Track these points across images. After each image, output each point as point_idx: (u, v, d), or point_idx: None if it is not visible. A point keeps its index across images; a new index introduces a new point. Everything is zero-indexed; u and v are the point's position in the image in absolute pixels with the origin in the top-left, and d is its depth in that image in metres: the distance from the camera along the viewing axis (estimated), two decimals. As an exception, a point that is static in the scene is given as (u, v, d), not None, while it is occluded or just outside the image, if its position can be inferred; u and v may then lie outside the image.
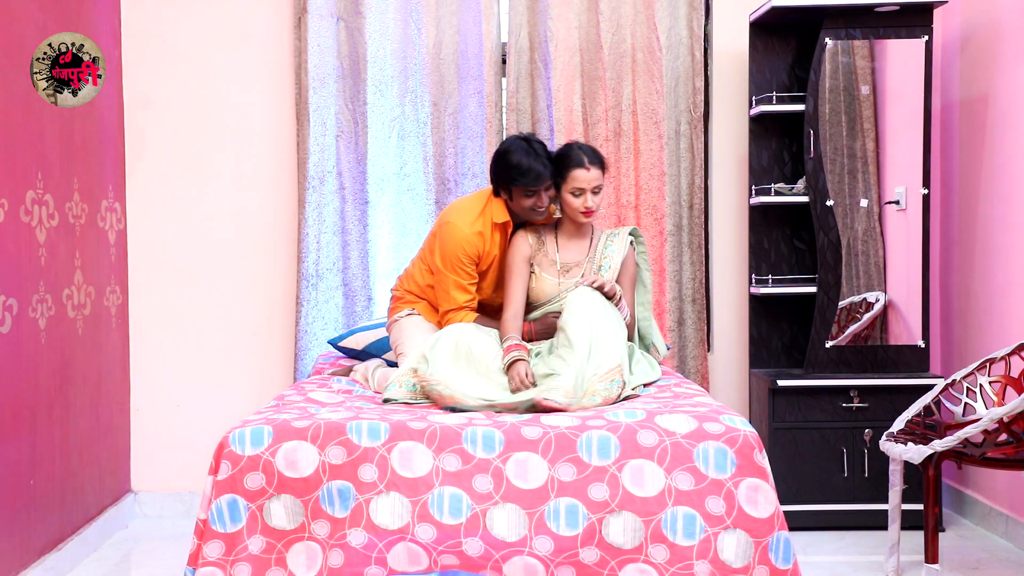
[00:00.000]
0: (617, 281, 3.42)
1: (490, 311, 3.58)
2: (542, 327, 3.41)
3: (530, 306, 3.48)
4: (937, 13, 4.13)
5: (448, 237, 3.42)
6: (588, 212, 3.38)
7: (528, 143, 3.42)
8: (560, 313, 3.26)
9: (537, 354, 3.28)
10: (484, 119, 4.33)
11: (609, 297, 3.27)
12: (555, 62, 4.34)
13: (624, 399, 3.10)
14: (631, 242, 3.49)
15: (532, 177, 3.34)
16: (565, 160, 3.38)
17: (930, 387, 3.89)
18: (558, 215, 3.57)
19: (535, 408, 2.92)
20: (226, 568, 2.64)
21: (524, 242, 3.47)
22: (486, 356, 3.14)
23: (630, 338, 3.44)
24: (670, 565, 2.61)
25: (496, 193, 3.48)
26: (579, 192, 3.36)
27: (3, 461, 3.22)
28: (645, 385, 3.31)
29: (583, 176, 3.34)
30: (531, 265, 3.46)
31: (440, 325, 3.48)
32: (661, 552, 2.62)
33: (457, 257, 3.40)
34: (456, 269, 3.41)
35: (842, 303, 4.08)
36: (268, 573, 2.65)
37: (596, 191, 3.37)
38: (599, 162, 3.38)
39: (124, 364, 4.35)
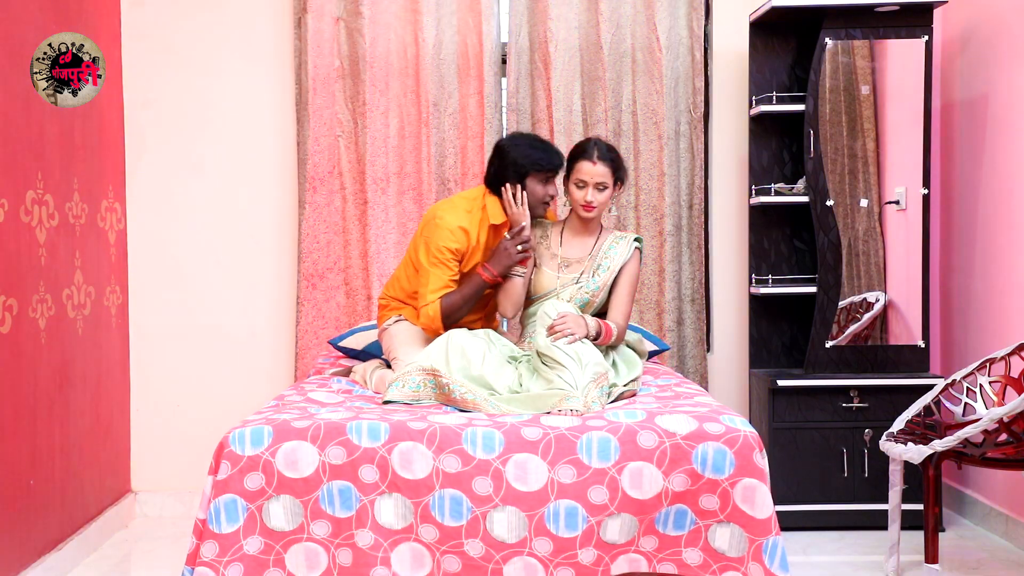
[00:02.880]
0: (614, 283, 3.41)
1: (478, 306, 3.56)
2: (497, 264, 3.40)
3: (528, 298, 3.49)
4: (937, 13, 4.12)
5: (433, 232, 3.42)
6: (588, 206, 3.38)
7: (532, 135, 3.50)
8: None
9: (522, 360, 3.27)
10: (484, 119, 4.33)
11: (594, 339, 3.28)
12: (555, 62, 4.33)
13: (621, 396, 3.13)
14: (636, 247, 3.48)
15: (548, 162, 3.40)
16: (577, 150, 3.43)
17: (930, 387, 3.89)
18: (563, 215, 3.58)
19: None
20: (219, 570, 2.64)
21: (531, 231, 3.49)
22: (476, 357, 3.13)
23: (614, 346, 3.40)
24: (658, 552, 2.66)
25: (496, 191, 3.47)
26: (582, 184, 3.38)
27: (3, 461, 3.22)
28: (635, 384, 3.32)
29: (587, 169, 3.36)
30: (533, 255, 3.47)
31: (416, 316, 3.47)
32: (651, 542, 2.66)
33: (441, 251, 3.39)
34: (439, 263, 3.39)
35: (842, 303, 4.08)
36: (265, 574, 2.65)
37: (600, 188, 3.37)
38: (610, 161, 3.38)
39: (124, 364, 4.35)
